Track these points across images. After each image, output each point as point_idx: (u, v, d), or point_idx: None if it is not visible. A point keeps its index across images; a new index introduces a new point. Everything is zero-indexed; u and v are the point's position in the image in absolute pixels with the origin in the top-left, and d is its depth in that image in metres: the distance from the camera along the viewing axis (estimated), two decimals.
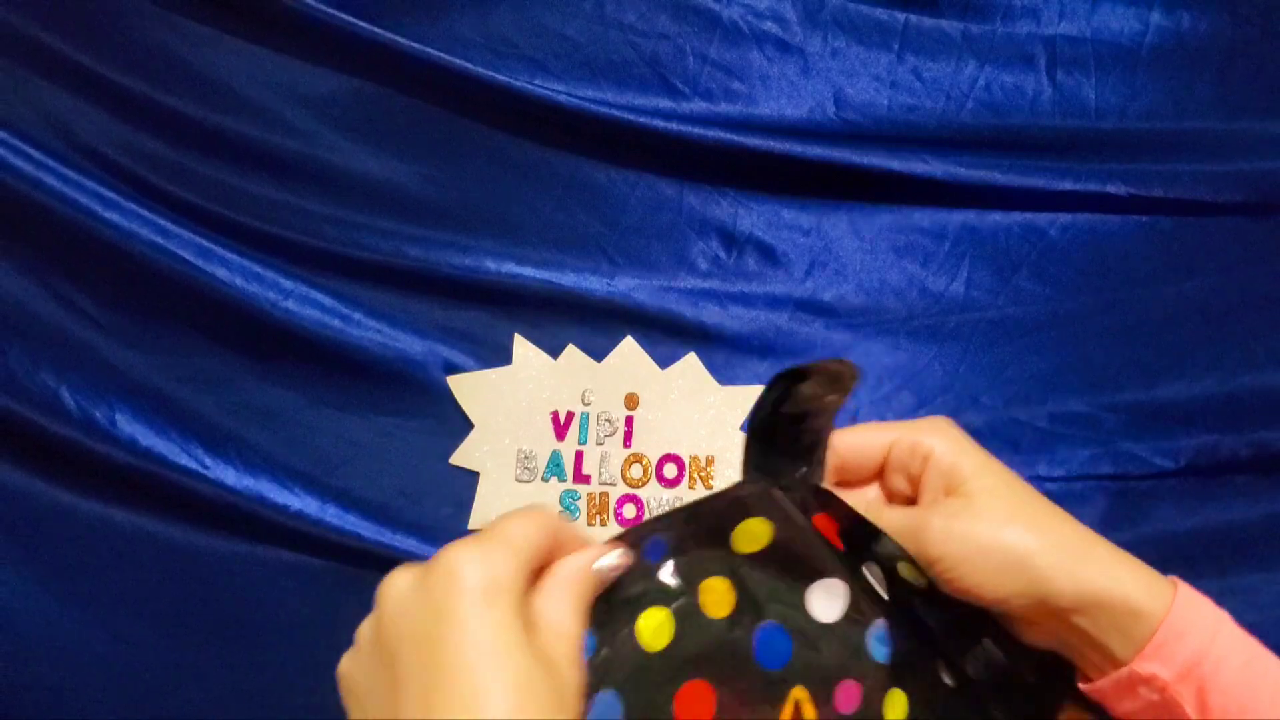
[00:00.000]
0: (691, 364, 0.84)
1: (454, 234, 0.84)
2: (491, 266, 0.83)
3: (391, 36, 0.80)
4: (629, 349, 0.84)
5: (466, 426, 0.83)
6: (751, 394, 0.84)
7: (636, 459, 0.83)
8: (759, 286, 0.85)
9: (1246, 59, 0.84)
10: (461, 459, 0.83)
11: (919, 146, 0.83)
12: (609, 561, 0.36)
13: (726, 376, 0.84)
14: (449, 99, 0.84)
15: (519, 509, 0.35)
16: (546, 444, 0.84)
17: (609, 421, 0.84)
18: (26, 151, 0.78)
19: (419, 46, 0.80)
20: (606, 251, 0.85)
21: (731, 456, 0.83)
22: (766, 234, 0.85)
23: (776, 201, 0.86)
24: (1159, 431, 0.81)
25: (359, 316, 0.83)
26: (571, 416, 0.84)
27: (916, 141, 0.84)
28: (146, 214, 0.80)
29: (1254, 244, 0.84)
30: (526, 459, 0.83)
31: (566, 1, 0.84)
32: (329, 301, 0.82)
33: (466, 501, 0.83)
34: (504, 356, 0.84)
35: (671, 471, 0.83)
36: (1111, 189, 0.83)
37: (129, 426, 0.80)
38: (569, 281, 0.84)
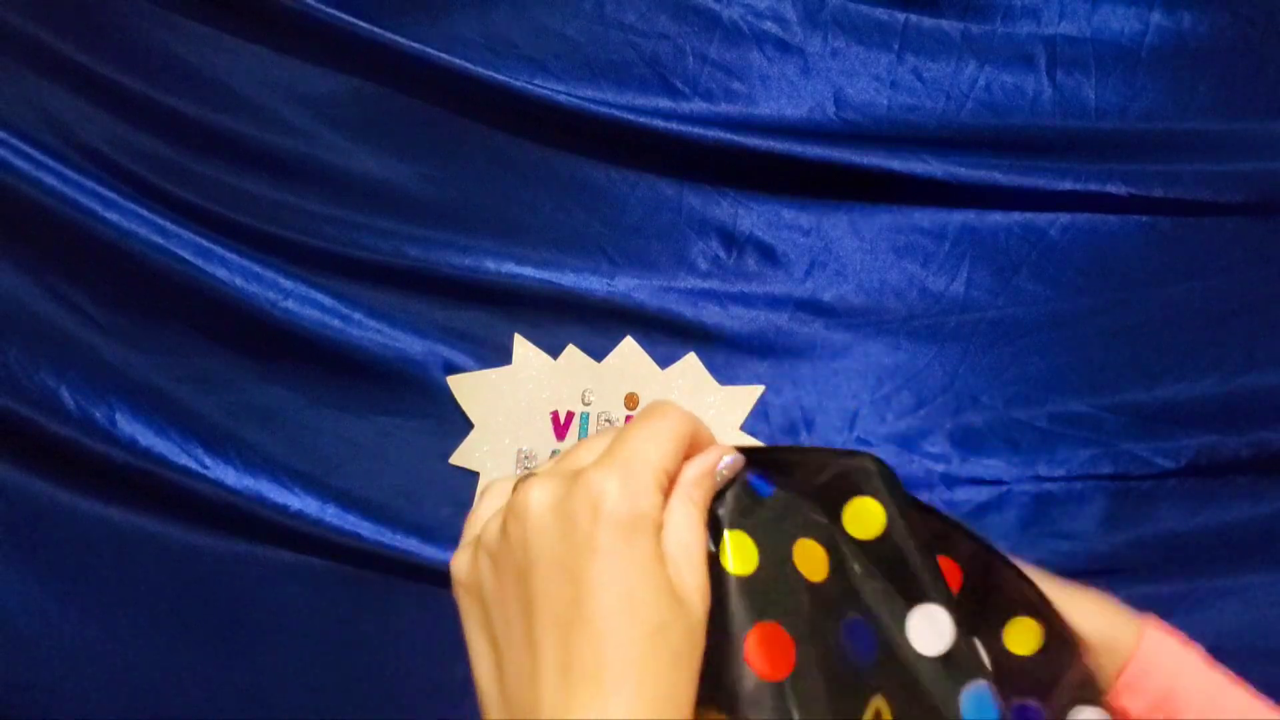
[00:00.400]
0: (691, 364, 0.84)
1: (454, 234, 0.84)
2: (491, 266, 0.83)
3: (391, 36, 0.80)
4: (629, 349, 0.84)
5: (466, 426, 0.83)
6: (752, 394, 0.84)
7: None
8: (759, 286, 0.85)
9: (1247, 59, 0.84)
10: (461, 459, 0.83)
11: (919, 146, 0.83)
12: (730, 461, 0.35)
13: (726, 376, 0.84)
14: (449, 99, 0.84)
15: (652, 410, 0.33)
16: (546, 444, 0.84)
17: (609, 421, 0.84)
18: (26, 151, 0.78)
19: (419, 46, 0.80)
20: (606, 251, 0.85)
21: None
22: (766, 234, 0.85)
23: (776, 201, 0.85)
24: (1160, 432, 0.81)
25: (359, 316, 0.82)
26: (571, 416, 0.84)
27: (916, 141, 0.83)
28: (146, 214, 0.80)
29: (1255, 244, 0.84)
30: (526, 459, 0.83)
31: (566, 1, 0.84)
32: (329, 301, 0.82)
33: (466, 501, 0.83)
34: (504, 356, 0.84)
35: None
36: (1112, 189, 0.82)
37: (128, 426, 0.80)
38: (569, 281, 0.84)
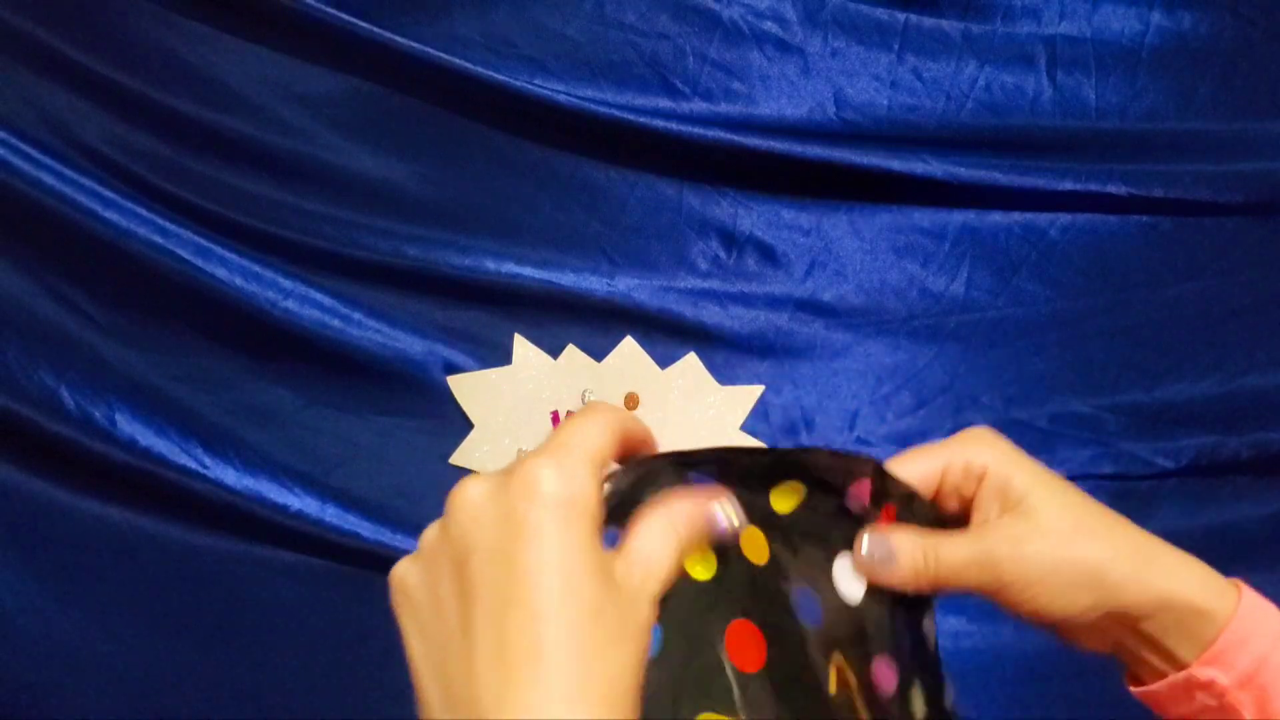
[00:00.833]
0: (691, 364, 0.84)
1: (454, 234, 0.84)
2: (491, 266, 0.83)
3: (391, 36, 0.80)
4: (629, 349, 0.84)
5: (466, 426, 0.83)
6: (752, 394, 0.84)
7: None
8: (759, 286, 0.85)
9: (1248, 59, 0.84)
10: (461, 459, 0.83)
11: (919, 146, 0.83)
12: (725, 518, 0.34)
13: (726, 376, 0.84)
14: (449, 99, 0.84)
15: (587, 409, 0.34)
16: None
17: None
18: (26, 151, 0.78)
19: (419, 46, 0.80)
20: (606, 251, 0.85)
21: None
22: (766, 234, 0.85)
23: (776, 201, 0.85)
24: (1160, 432, 0.81)
25: (358, 316, 0.82)
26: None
27: (916, 141, 0.83)
28: (145, 213, 0.79)
29: (1255, 245, 0.84)
30: None
31: (566, 1, 0.84)
32: (328, 301, 0.82)
33: None
34: (504, 356, 0.84)
35: None
36: (1112, 189, 0.82)
37: (128, 426, 0.80)
38: (569, 281, 0.84)
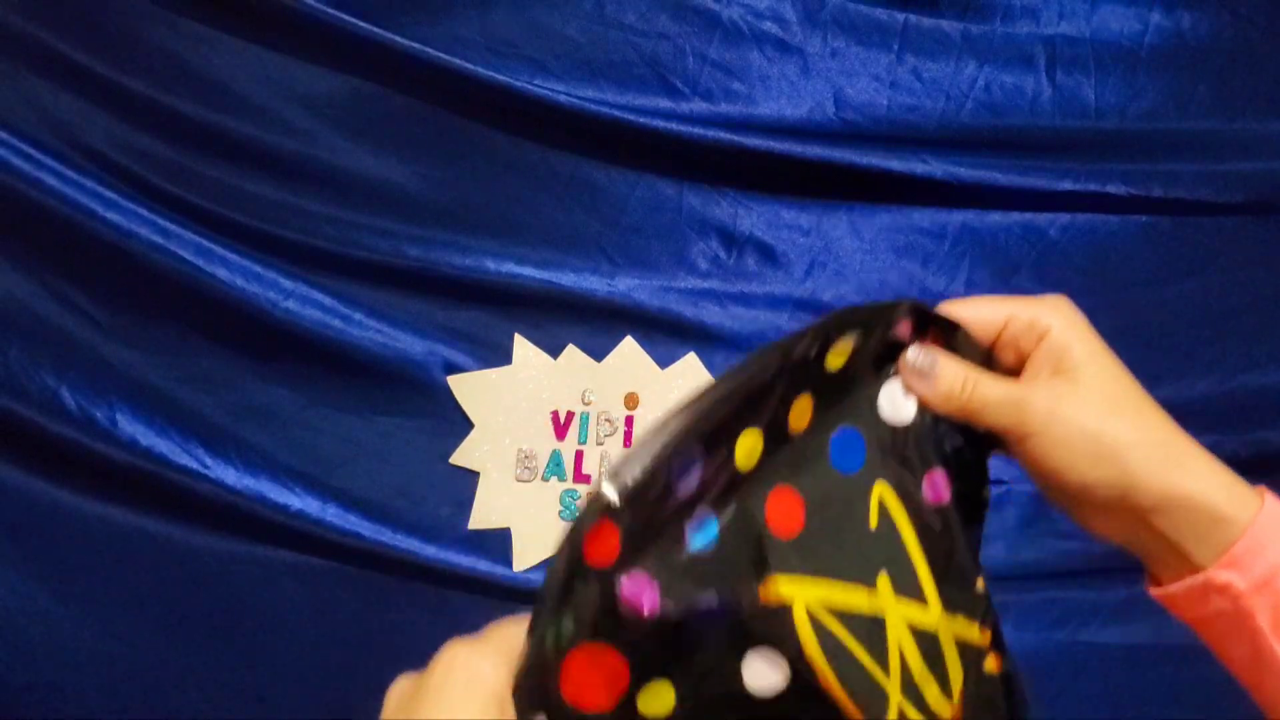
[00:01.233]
0: (691, 364, 0.84)
1: (454, 234, 0.84)
2: (491, 266, 0.83)
3: (391, 36, 0.80)
4: (629, 349, 0.84)
5: (466, 426, 0.83)
6: None
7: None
8: (759, 286, 0.85)
9: (1247, 59, 0.84)
10: (461, 459, 0.83)
11: (919, 146, 0.83)
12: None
13: None
14: (449, 99, 0.84)
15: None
16: (546, 444, 0.84)
17: (609, 421, 0.84)
18: (26, 151, 0.78)
19: (419, 46, 0.80)
20: (606, 251, 0.85)
21: None
22: (766, 234, 0.85)
23: (776, 201, 0.85)
24: None
25: (359, 316, 0.82)
26: (571, 416, 0.84)
27: (916, 141, 0.83)
28: (146, 214, 0.80)
29: (1254, 244, 0.84)
30: (526, 459, 0.83)
31: (566, 1, 0.84)
32: (329, 301, 0.82)
33: (466, 501, 0.83)
34: (504, 356, 0.84)
35: None
36: (1111, 189, 0.82)
37: (129, 426, 0.80)
38: (569, 281, 0.84)
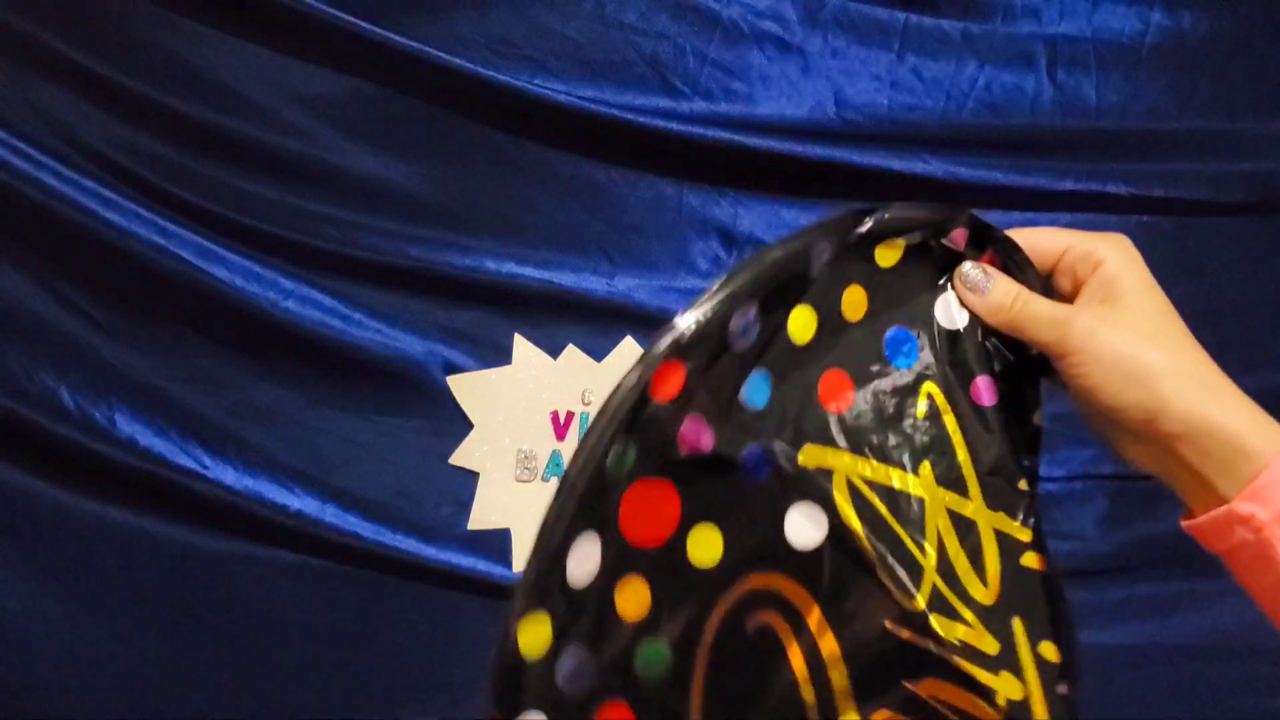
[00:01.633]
0: None
1: (454, 234, 0.84)
2: (491, 266, 0.83)
3: (391, 36, 0.80)
4: (629, 349, 0.84)
5: (466, 426, 0.83)
6: None
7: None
8: None
9: (1248, 58, 0.84)
10: (461, 459, 0.83)
11: (919, 146, 0.83)
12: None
13: None
14: (449, 99, 0.84)
15: None
16: (546, 444, 0.84)
17: None
18: (26, 151, 0.78)
19: (419, 46, 0.80)
20: (606, 251, 0.85)
21: None
22: (766, 234, 0.85)
23: (776, 201, 0.85)
24: None
25: (359, 316, 0.82)
26: (571, 416, 0.84)
27: (917, 141, 0.83)
28: (146, 214, 0.80)
29: (1256, 245, 0.84)
30: (526, 459, 0.83)
31: (567, 1, 0.84)
32: (329, 301, 0.82)
33: (466, 501, 0.83)
34: (504, 356, 0.84)
35: None
36: (1112, 189, 0.82)
37: (129, 426, 0.80)
38: (569, 281, 0.84)
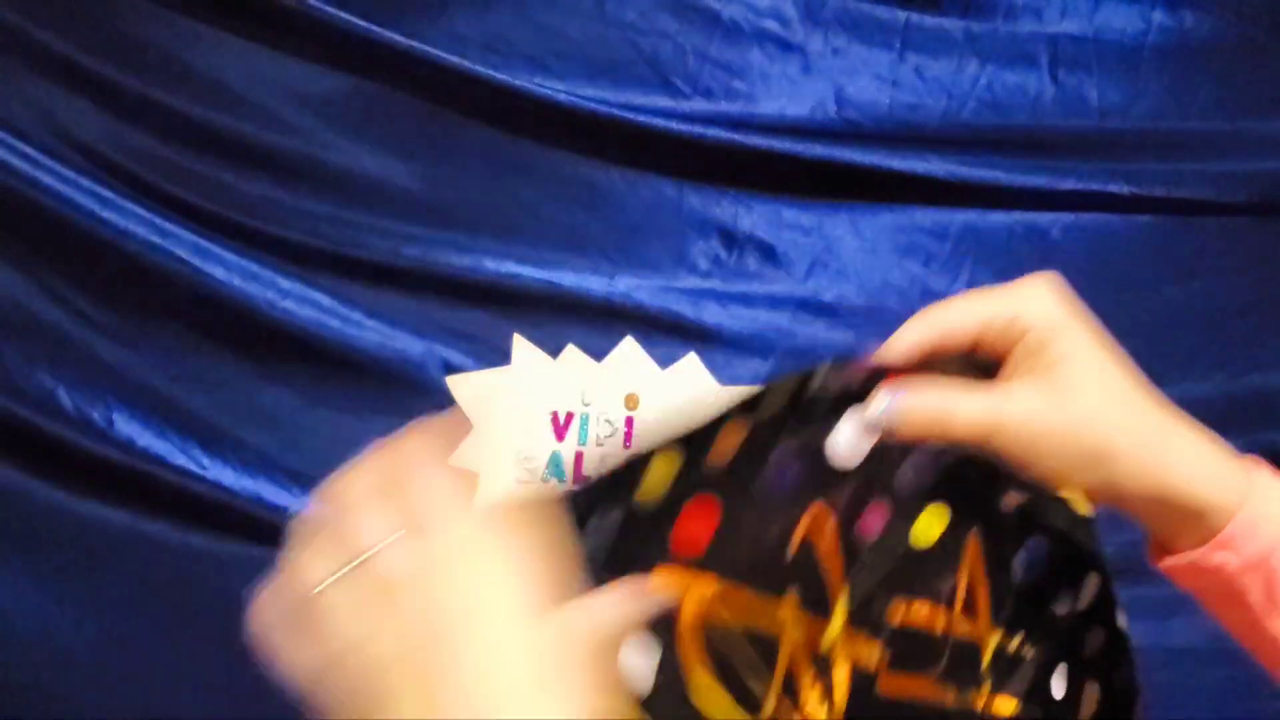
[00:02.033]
0: (691, 364, 0.84)
1: (454, 234, 0.84)
2: (491, 266, 0.83)
3: (391, 36, 0.80)
4: (629, 349, 0.84)
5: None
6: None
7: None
8: (759, 286, 0.85)
9: (1250, 58, 0.84)
10: (461, 459, 0.83)
11: (920, 146, 0.83)
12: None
13: (726, 376, 0.84)
14: (448, 98, 0.83)
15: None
16: (546, 444, 0.83)
17: (609, 422, 0.83)
18: (24, 151, 0.78)
19: (419, 46, 0.80)
20: (606, 251, 0.85)
21: None
22: (767, 234, 0.85)
23: (777, 201, 0.85)
24: None
25: (358, 316, 0.82)
26: (571, 417, 0.84)
27: (918, 141, 0.83)
28: (144, 213, 0.79)
29: (1257, 245, 0.84)
30: (526, 459, 0.83)
31: (566, 1, 0.84)
32: (327, 301, 0.82)
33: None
34: (504, 356, 0.84)
35: None
36: (1114, 189, 0.82)
37: (126, 426, 0.79)
38: (569, 281, 0.84)
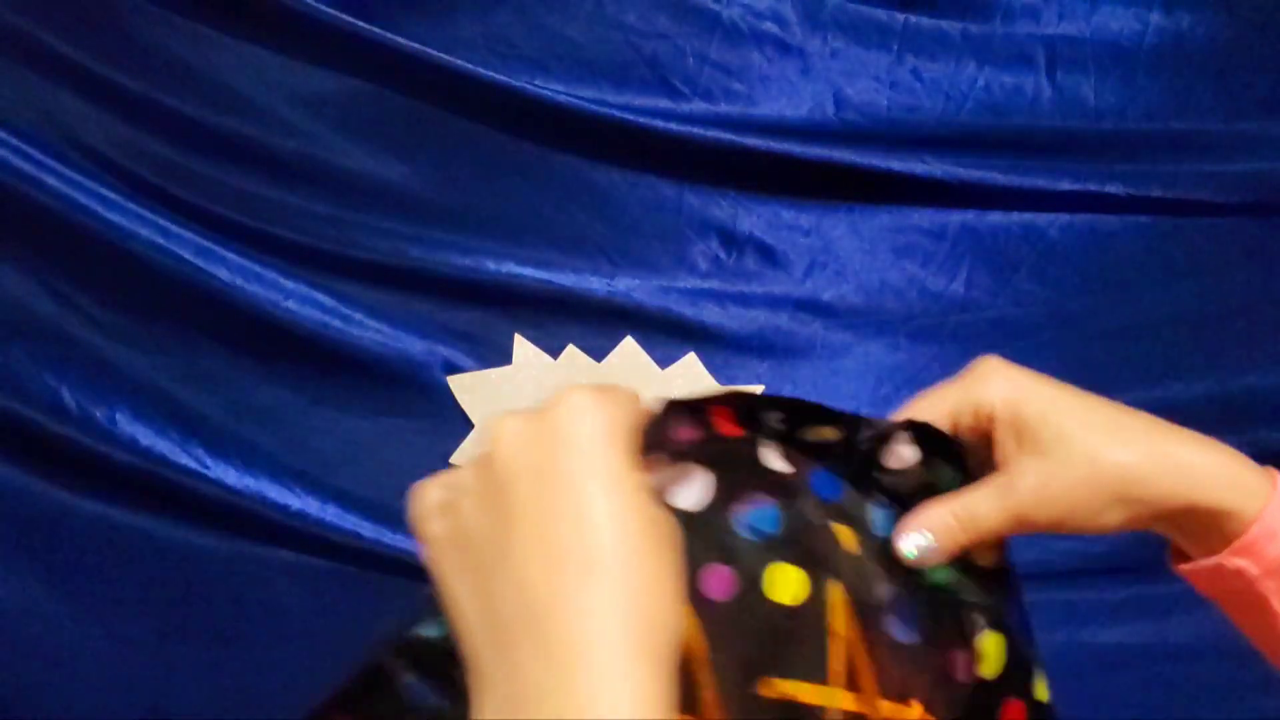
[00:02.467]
0: (691, 364, 0.84)
1: (454, 234, 0.84)
2: (491, 266, 0.83)
3: (391, 36, 0.80)
4: (629, 349, 0.84)
5: (466, 426, 0.83)
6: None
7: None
8: (759, 286, 0.85)
9: (1246, 59, 0.84)
10: (462, 459, 0.83)
11: (919, 147, 0.83)
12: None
13: (726, 376, 0.84)
14: (449, 99, 0.84)
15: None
16: None
17: None
18: (26, 151, 0.78)
19: (419, 46, 0.80)
20: (606, 251, 0.85)
21: None
22: (766, 234, 0.85)
23: (776, 202, 0.86)
24: None
25: (359, 316, 0.82)
26: None
27: (916, 142, 0.84)
28: (147, 214, 0.80)
29: (1254, 245, 0.84)
30: None
31: (566, 2, 0.84)
32: (329, 301, 0.82)
33: None
34: (504, 356, 0.84)
35: None
36: (1111, 189, 0.83)
37: (129, 426, 0.80)
38: (569, 281, 0.84)
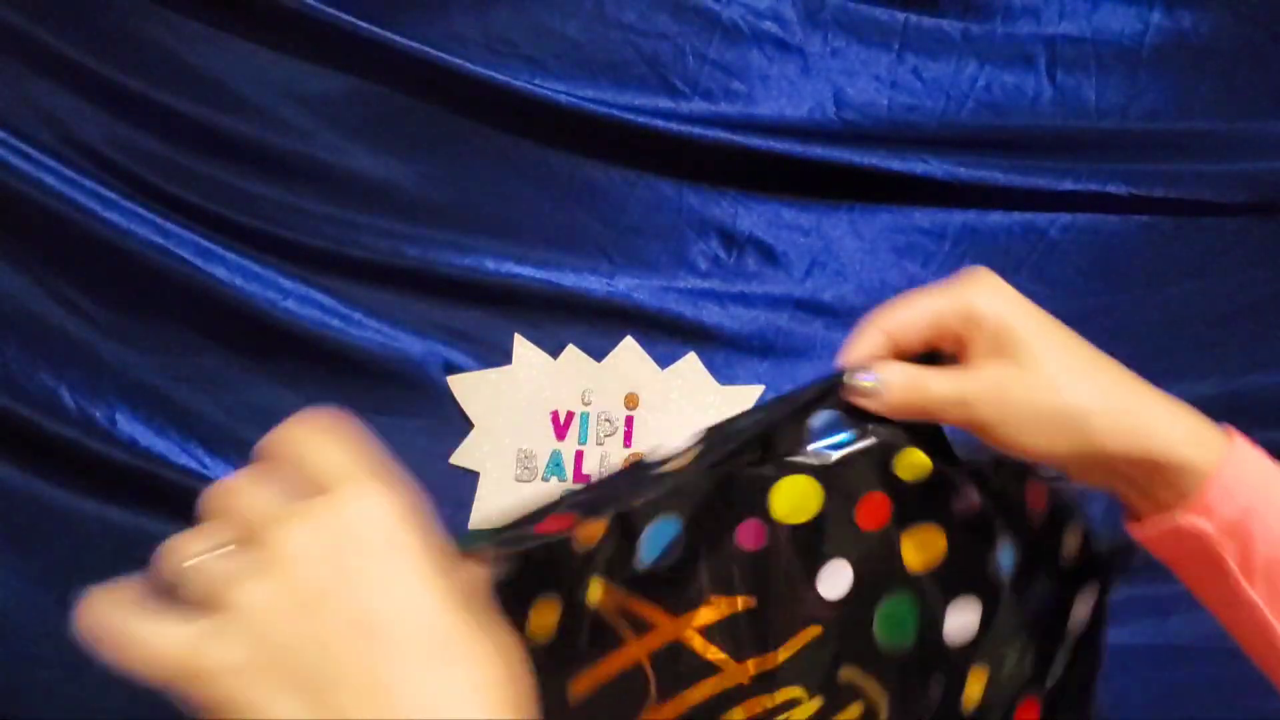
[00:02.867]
0: (691, 364, 0.84)
1: (453, 234, 0.84)
2: (491, 266, 0.83)
3: (391, 36, 0.80)
4: (629, 349, 0.84)
5: (466, 426, 0.83)
6: (752, 394, 0.84)
7: (636, 459, 0.83)
8: (759, 286, 0.85)
9: (1248, 59, 0.84)
10: (461, 459, 0.83)
11: (919, 146, 0.83)
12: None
13: (726, 376, 0.84)
14: (449, 99, 0.84)
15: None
16: (546, 444, 0.84)
17: (609, 421, 0.84)
18: (26, 151, 0.78)
19: (419, 46, 0.80)
20: (606, 251, 0.85)
21: None
22: (766, 234, 0.85)
23: (776, 201, 0.85)
24: None
25: (359, 316, 0.82)
26: (571, 416, 0.84)
27: (917, 141, 0.83)
28: (145, 213, 0.80)
29: (1256, 245, 0.84)
30: (526, 459, 0.83)
31: (566, 1, 0.84)
32: (328, 301, 0.82)
33: (466, 501, 0.83)
34: (504, 356, 0.84)
35: None
36: (1112, 189, 0.82)
37: (128, 426, 0.80)
38: (569, 281, 0.84)
